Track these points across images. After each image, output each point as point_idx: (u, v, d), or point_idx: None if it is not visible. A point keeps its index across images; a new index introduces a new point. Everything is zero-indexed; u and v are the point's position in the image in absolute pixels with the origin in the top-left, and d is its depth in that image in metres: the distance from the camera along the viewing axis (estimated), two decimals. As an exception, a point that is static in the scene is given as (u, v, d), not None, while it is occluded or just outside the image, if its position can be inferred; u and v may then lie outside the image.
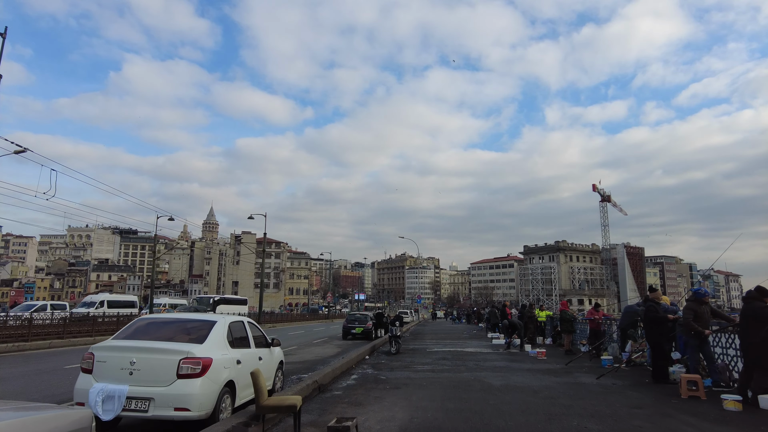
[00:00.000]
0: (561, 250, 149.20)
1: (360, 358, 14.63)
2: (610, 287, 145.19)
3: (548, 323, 22.10)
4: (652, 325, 9.34)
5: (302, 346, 21.49)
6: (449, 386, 9.54)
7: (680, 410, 7.19)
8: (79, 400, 5.92)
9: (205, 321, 7.06)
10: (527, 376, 11.00)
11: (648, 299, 9.78)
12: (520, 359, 14.55)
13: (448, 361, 14.02)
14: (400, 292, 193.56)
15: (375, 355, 16.03)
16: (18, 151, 23.99)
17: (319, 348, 20.60)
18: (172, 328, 6.96)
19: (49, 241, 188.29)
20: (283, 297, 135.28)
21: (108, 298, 45.27)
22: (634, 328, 13.01)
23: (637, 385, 9.47)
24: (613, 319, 15.66)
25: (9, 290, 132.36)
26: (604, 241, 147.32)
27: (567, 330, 16.15)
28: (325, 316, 71.26)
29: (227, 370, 6.54)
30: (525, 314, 20.24)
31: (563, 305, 17.06)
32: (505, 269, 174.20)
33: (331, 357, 16.75)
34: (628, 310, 13.30)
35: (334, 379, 10.57)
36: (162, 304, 50.34)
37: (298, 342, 23.73)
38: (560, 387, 9.42)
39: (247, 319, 8.19)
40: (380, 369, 12.32)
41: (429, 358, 15.08)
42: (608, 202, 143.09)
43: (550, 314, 22.77)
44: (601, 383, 9.69)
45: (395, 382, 10.15)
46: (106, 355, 6.10)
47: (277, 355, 9.13)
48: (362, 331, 25.56)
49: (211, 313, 22.37)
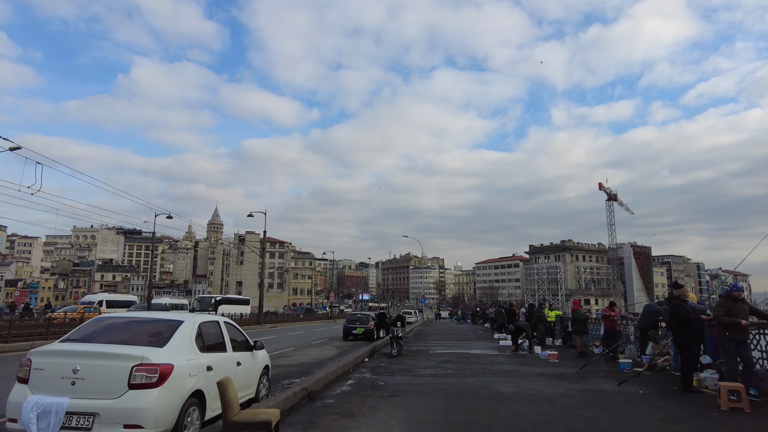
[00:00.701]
0: (567, 250, 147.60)
1: (358, 361, 13.66)
2: (616, 287, 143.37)
3: (558, 323, 21.06)
4: (681, 327, 8.26)
5: (300, 347, 20.55)
6: (454, 394, 8.56)
7: (725, 426, 6.16)
8: (12, 416, 4.97)
9: (171, 321, 6.09)
10: (540, 381, 9.99)
11: (673, 297, 8.72)
12: (530, 362, 13.53)
13: (453, 365, 13.02)
14: (405, 292, 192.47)
15: (375, 358, 15.07)
16: (13, 148, 23.35)
17: (317, 350, 19.63)
18: (132, 329, 6.01)
19: (55, 242, 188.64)
20: (287, 297, 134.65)
21: (107, 297, 44.59)
22: (655, 328, 11.98)
23: (664, 394, 8.44)
24: (630, 319, 14.61)
25: (13, 290, 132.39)
26: (610, 240, 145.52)
27: (580, 331, 15.10)
28: (327, 316, 70.32)
29: (193, 378, 5.58)
30: (534, 314, 19.22)
31: (575, 304, 16.00)
32: (511, 269, 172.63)
33: (328, 359, 15.80)
34: (648, 308, 12.27)
35: (328, 384, 9.61)
36: (163, 304, 49.46)
37: (297, 343, 22.80)
38: (578, 395, 8.40)
39: (224, 320, 7.21)
40: (379, 373, 11.35)
41: (432, 360, 14.09)
42: (614, 201, 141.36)
43: (560, 314, 21.71)
44: (624, 391, 8.67)
45: (394, 388, 9.19)
46: (46, 361, 5.13)
47: (262, 360, 8.16)
48: (363, 331, 24.59)
49: (185, 312, 21.06)
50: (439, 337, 25.82)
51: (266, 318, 42.51)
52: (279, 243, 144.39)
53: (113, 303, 42.94)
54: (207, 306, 54.03)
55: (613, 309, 14.41)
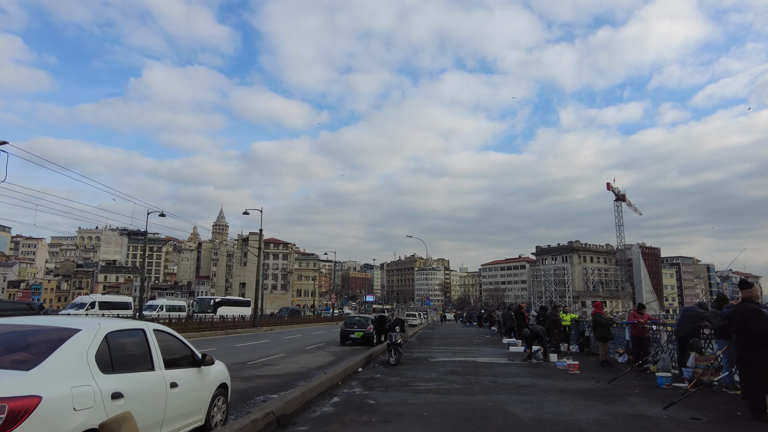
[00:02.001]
0: (574, 251, 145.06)
1: (350, 372, 11.93)
2: (625, 289, 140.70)
3: (574, 328, 19.22)
4: (758, 340, 6.40)
5: (291, 353, 18.82)
6: (459, 419, 6.81)
7: None
8: None
9: (60, 331, 4.36)
10: (564, 401, 8.21)
11: (746, 300, 6.89)
12: (548, 374, 11.74)
13: (458, 377, 11.26)
14: (410, 293, 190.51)
15: (370, 367, 13.32)
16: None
17: (309, 356, 17.87)
18: (4, 342, 4.30)
19: (60, 243, 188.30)
20: (291, 298, 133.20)
21: (100, 299, 42.94)
22: (696, 335, 10.17)
23: (729, 422, 6.63)
24: (663, 324, 12.78)
25: (16, 291, 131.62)
26: (618, 241, 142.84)
27: (603, 337, 13.25)
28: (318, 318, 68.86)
29: (83, 413, 3.86)
30: (548, 317, 17.39)
31: (597, 307, 14.13)
32: (517, 270, 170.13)
33: (318, 368, 14.07)
34: (688, 312, 10.45)
35: (307, 404, 7.90)
36: (159, 306, 47.92)
37: (289, 348, 21.08)
38: (618, 423, 6.58)
39: (153, 326, 5.46)
40: (371, 387, 9.62)
41: (435, 371, 12.33)
42: (623, 201, 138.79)
43: (576, 317, 19.83)
44: (676, 417, 6.86)
45: (386, 409, 7.45)
46: None
47: (215, 377, 6.42)
48: (362, 335, 22.83)
49: (92, 316, 18.96)
50: (444, 342, 24.04)
51: (263, 320, 40.81)
52: (282, 244, 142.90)
53: (106, 304, 41.38)
54: (206, 308, 52.39)
55: (641, 312, 12.60)
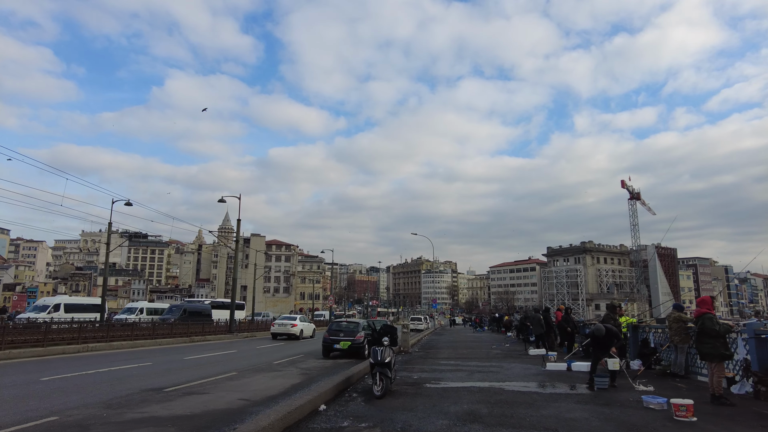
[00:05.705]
0: (587, 252, 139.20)
1: (303, 414, 7.05)
2: (640, 291, 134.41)
3: (631, 335, 14.21)
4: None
5: (248, 371, 13.88)
6: None
7: None
8: None
9: None
10: None
11: None
12: (641, 423, 6.81)
13: (485, 428, 6.36)
14: (416, 296, 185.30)
15: (342, 401, 8.44)
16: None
17: (266, 378, 12.76)
18: None
19: (63, 246, 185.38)
20: (294, 302, 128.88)
21: (66, 300, 38.30)
22: None
23: None
24: None
25: (11, 295, 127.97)
26: (633, 241, 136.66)
27: (718, 354, 8.18)
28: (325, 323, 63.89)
29: None
30: (611, 319, 12.38)
31: (704, 304, 8.84)
32: (527, 272, 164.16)
33: (264, 401, 9.17)
34: None
35: None
36: (138, 309, 43.26)
37: (253, 363, 16.15)
38: None
39: None
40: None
41: (443, 414, 7.35)
42: (637, 200, 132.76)
43: (634, 322, 14.74)
44: None
45: None
46: None
47: None
48: (350, 346, 17.87)
49: None
50: (455, 353, 19.07)
51: (241, 326, 36.12)
52: (285, 246, 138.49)
53: (73, 307, 36.79)
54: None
55: None
